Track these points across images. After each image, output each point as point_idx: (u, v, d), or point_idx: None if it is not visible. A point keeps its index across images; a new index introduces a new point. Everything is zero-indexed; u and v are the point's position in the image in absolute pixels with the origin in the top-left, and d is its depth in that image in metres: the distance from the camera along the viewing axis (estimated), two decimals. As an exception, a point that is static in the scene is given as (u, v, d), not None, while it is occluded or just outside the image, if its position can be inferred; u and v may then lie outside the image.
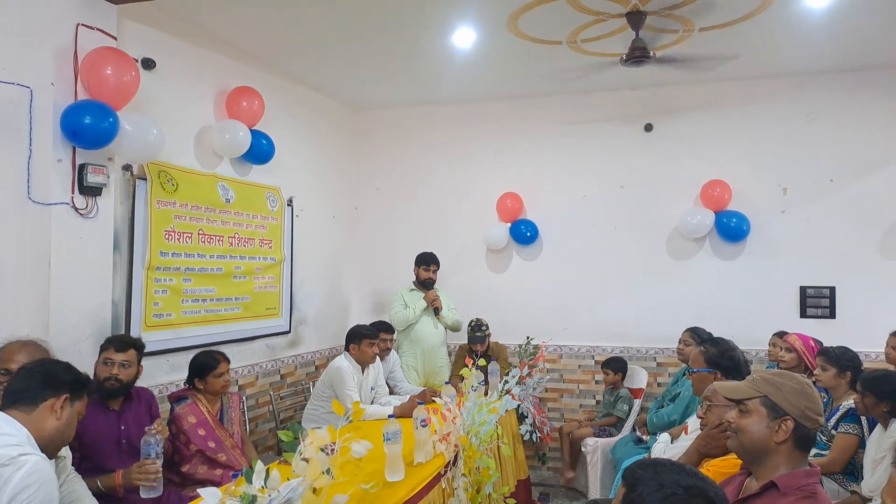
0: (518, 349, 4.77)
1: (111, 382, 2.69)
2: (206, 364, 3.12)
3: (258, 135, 4.02)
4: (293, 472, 1.71)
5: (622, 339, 5.00)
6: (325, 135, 5.20)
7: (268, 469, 1.65)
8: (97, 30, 2.96)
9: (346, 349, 3.82)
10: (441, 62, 4.35)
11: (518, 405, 3.80)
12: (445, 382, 4.37)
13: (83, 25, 2.89)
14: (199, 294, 3.73)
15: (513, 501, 2.98)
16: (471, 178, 5.37)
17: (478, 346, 4.60)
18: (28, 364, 2.06)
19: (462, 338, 4.82)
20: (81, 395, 1.98)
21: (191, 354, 3.26)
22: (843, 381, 3.23)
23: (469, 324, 4.69)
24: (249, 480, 1.62)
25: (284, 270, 4.52)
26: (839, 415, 3.16)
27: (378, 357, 3.99)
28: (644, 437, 4.02)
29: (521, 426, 3.92)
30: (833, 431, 3.16)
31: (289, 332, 4.61)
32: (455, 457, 2.71)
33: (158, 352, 3.40)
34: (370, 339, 3.79)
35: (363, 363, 3.81)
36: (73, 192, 2.87)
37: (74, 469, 2.56)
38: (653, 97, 4.95)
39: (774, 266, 4.69)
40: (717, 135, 4.84)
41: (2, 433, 1.74)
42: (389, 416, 2.57)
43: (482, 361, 3.95)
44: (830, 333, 4.16)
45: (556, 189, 5.17)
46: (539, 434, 4.12)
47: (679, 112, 4.92)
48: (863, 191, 4.53)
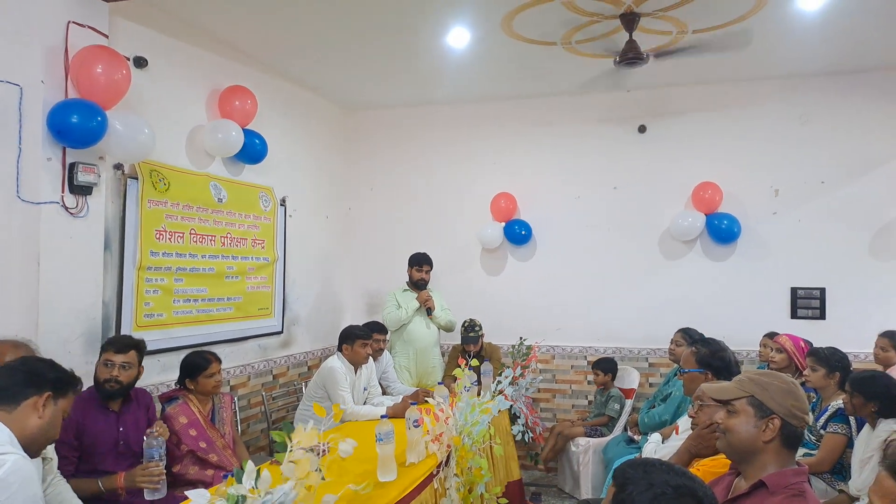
0: (511, 350, 4.78)
1: (111, 384, 2.68)
2: (198, 364, 3.11)
3: (251, 134, 4.00)
4: (282, 472, 1.71)
5: (614, 340, 5.02)
6: (319, 134, 5.19)
7: (258, 469, 1.64)
8: (88, 27, 2.94)
9: (339, 349, 3.81)
10: (435, 62, 4.35)
11: (511, 405, 3.80)
12: (438, 383, 4.37)
13: (74, 23, 2.87)
14: (191, 294, 3.71)
15: (504, 501, 2.98)
16: (465, 179, 5.37)
17: (471, 347, 4.60)
18: (10, 362, 2.02)
19: (455, 338, 4.83)
20: (65, 393, 1.94)
21: (182, 355, 3.24)
22: (833, 382, 3.25)
23: (462, 324, 4.69)
24: (240, 481, 1.62)
25: (277, 270, 4.50)
26: (828, 415, 3.18)
27: (371, 357, 3.99)
28: (635, 438, 4.03)
29: (514, 426, 3.93)
30: (822, 431, 3.18)
31: (281, 333, 4.59)
32: (447, 457, 2.72)
33: (150, 352, 3.34)
34: (363, 340, 3.78)
35: (356, 363, 3.80)
36: (63, 191, 2.85)
37: (73, 469, 2.56)
38: (646, 99, 4.97)
39: (765, 267, 4.72)
40: (710, 136, 4.86)
41: None
42: (382, 417, 2.57)
43: (475, 362, 3.95)
44: (820, 334, 4.19)
45: (550, 190, 5.18)
46: (531, 434, 4.13)
47: (672, 114, 4.94)
48: (854, 193, 4.57)
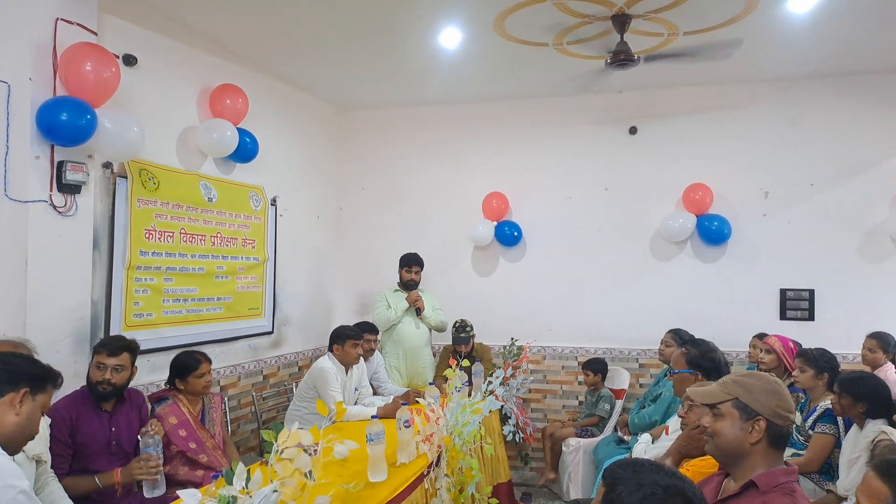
0: (502, 350, 4.79)
1: (104, 386, 2.68)
2: (188, 364, 3.09)
3: (242, 133, 3.98)
4: (270, 473, 1.70)
5: (605, 341, 5.03)
6: (310, 134, 5.17)
7: (248, 470, 1.63)
8: (77, 25, 2.91)
9: (330, 350, 3.80)
10: (427, 62, 4.35)
11: (501, 406, 3.81)
12: (429, 383, 4.37)
13: (63, 20, 2.85)
14: (181, 294, 3.69)
15: (495, 501, 2.98)
16: (456, 179, 5.37)
17: (462, 347, 4.60)
18: None
19: (447, 339, 4.83)
20: (44, 389, 1.90)
21: (172, 355, 3.22)
22: (821, 383, 3.27)
23: (454, 325, 4.69)
24: (230, 481, 1.61)
25: (267, 270, 4.48)
26: (816, 415, 3.20)
27: (362, 358, 3.98)
28: (626, 438, 4.05)
29: (505, 427, 3.93)
30: (810, 431, 3.20)
31: (272, 333, 4.57)
32: (438, 457, 2.71)
33: (139, 352, 3.34)
34: (354, 340, 3.77)
35: (347, 364, 3.79)
36: (52, 190, 2.83)
37: (67, 468, 2.55)
38: (638, 100, 4.99)
39: (755, 269, 4.75)
40: (701, 138, 4.89)
41: None
42: (373, 417, 2.56)
43: (466, 362, 3.95)
44: (809, 335, 4.22)
45: (542, 190, 5.19)
46: (522, 434, 4.13)
47: (664, 115, 4.96)
48: (843, 195, 4.61)
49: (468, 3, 3.46)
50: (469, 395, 3.17)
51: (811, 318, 4.63)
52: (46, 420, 2.47)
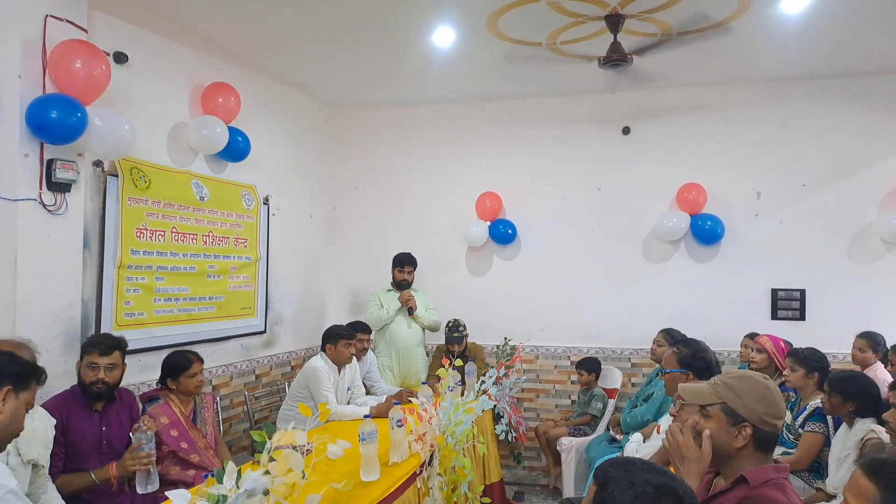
0: (495, 350, 4.79)
1: (98, 386, 2.68)
2: (179, 364, 3.08)
3: (234, 132, 3.96)
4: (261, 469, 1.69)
5: (597, 340, 5.05)
6: (303, 133, 5.15)
7: (240, 469, 1.63)
8: (67, 21, 2.89)
9: (323, 349, 3.79)
10: (420, 62, 4.34)
11: (494, 405, 3.80)
12: (422, 383, 4.37)
13: (52, 17, 2.82)
14: (172, 293, 3.67)
15: (487, 500, 2.99)
16: (450, 179, 5.37)
17: (455, 347, 4.60)
18: None
19: (440, 338, 4.82)
20: (27, 386, 1.89)
21: (163, 354, 3.21)
22: (811, 382, 3.29)
23: (447, 324, 4.69)
24: (221, 481, 1.60)
25: (260, 270, 4.47)
26: (806, 414, 3.22)
27: (355, 357, 3.97)
28: (618, 437, 4.06)
29: (497, 426, 3.93)
30: (800, 430, 3.23)
31: (264, 332, 4.56)
32: (431, 457, 2.71)
33: (130, 351, 3.29)
34: (347, 340, 3.77)
35: (339, 363, 3.79)
36: (41, 188, 2.80)
37: (62, 467, 2.55)
38: (631, 100, 5.00)
39: (747, 269, 4.78)
40: (694, 139, 4.91)
41: None
42: (365, 416, 2.56)
43: (459, 362, 3.95)
44: (800, 335, 4.24)
45: (535, 190, 5.20)
46: (515, 434, 4.14)
47: (657, 115, 4.98)
48: (834, 196, 4.64)
49: (461, 3, 3.45)
50: (462, 395, 3.17)
51: (802, 318, 4.66)
52: (51, 422, 2.47)
